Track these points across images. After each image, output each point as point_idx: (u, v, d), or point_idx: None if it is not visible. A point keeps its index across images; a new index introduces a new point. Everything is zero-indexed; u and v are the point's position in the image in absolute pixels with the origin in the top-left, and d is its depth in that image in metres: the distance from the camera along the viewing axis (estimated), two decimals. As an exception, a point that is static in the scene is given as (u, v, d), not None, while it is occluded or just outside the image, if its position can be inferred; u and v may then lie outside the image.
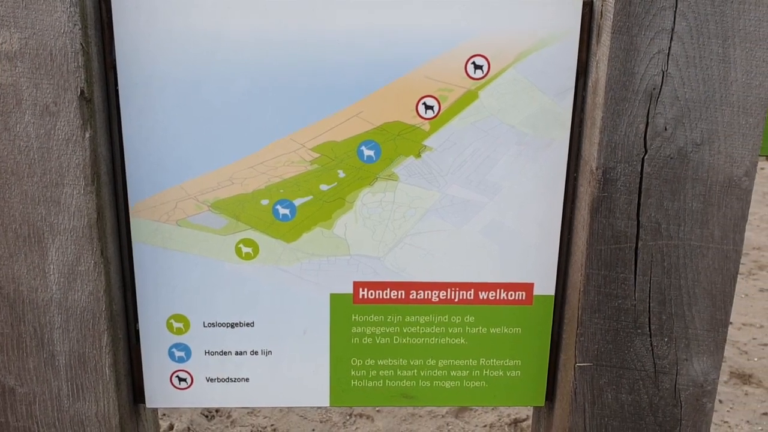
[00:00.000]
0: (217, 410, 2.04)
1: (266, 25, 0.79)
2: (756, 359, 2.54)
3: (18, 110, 0.75)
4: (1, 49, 0.73)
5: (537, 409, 1.02)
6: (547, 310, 0.90)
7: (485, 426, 2.18)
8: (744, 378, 2.40)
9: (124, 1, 0.77)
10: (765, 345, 2.66)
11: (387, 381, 0.93)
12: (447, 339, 0.92)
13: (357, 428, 2.07)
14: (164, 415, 2.00)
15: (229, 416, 2.04)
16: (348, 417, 2.10)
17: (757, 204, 4.57)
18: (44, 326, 0.83)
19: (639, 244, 0.81)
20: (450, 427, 2.18)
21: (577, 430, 0.89)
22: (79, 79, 0.75)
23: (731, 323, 2.84)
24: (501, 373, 0.93)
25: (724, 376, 2.39)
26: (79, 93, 0.75)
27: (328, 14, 0.79)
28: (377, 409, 2.10)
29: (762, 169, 5.47)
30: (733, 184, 0.79)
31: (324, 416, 2.08)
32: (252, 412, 2.03)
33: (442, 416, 2.17)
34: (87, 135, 0.76)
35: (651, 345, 0.84)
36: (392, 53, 0.80)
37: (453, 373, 0.93)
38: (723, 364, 2.47)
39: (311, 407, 2.06)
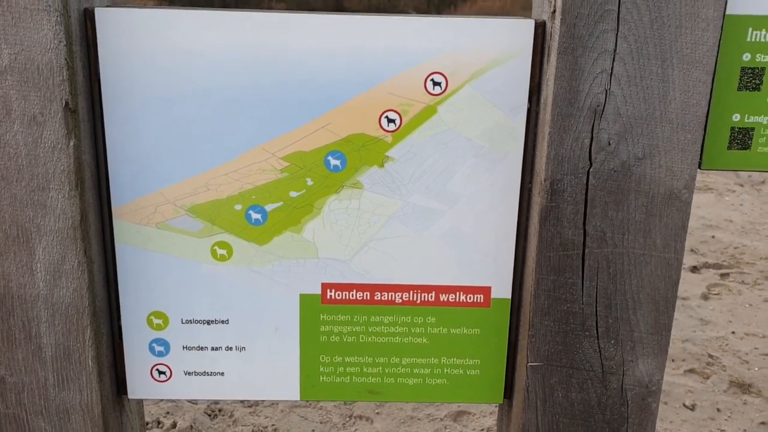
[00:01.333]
0: (219, 409, 2.10)
1: (239, 44, 0.85)
2: (756, 369, 2.55)
3: (8, 120, 0.82)
4: (-7, 64, 0.80)
5: (500, 407, 1.07)
6: (504, 313, 0.96)
7: (483, 430, 2.23)
8: (744, 387, 2.42)
9: (107, 20, 0.84)
10: (766, 355, 2.68)
11: (353, 377, 0.99)
12: (410, 338, 0.97)
13: (356, 429, 2.12)
14: (167, 413, 2.07)
15: (231, 415, 2.11)
16: (348, 418, 2.16)
17: (767, 215, 4.58)
18: (32, 320, 0.89)
19: (586, 252, 0.86)
20: (448, 430, 2.23)
21: (531, 426, 0.94)
22: (64, 92, 0.81)
23: (733, 333, 2.86)
24: (461, 371, 0.98)
25: (723, 385, 2.42)
26: (64, 104, 0.81)
27: (296, 35, 0.85)
28: (376, 411, 2.16)
29: (772, 182, 5.48)
30: (674, 196, 0.84)
31: (324, 417, 2.14)
32: (254, 411, 2.10)
33: (441, 419, 2.22)
34: (71, 143, 0.83)
35: (599, 347, 0.89)
36: (357, 70, 0.86)
37: (416, 370, 0.99)
38: (723, 372, 2.49)
39: (312, 408, 2.12)
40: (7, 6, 0.78)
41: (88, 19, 0.84)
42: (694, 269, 3.62)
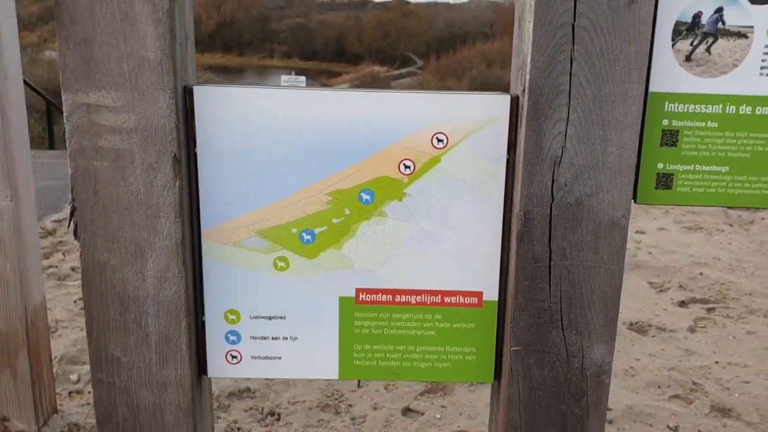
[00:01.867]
0: (239, 428, 2.41)
1: (296, 112, 1.17)
2: (737, 395, 2.77)
3: (132, 166, 1.14)
4: (124, 126, 1.13)
5: (492, 386, 1.37)
6: (493, 311, 1.26)
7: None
8: (724, 411, 2.63)
9: (201, 95, 1.17)
10: (747, 382, 2.90)
11: (379, 361, 1.29)
12: (422, 331, 1.28)
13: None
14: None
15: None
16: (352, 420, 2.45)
17: (754, 253, 4.82)
18: (142, 315, 1.21)
19: (551, 264, 1.16)
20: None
21: (514, 397, 1.24)
22: (172, 147, 1.14)
23: (717, 362, 3.08)
24: (461, 357, 1.29)
25: (705, 409, 2.64)
26: (172, 156, 1.14)
27: (340, 105, 1.17)
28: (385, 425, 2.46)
29: (762, 219, 5.72)
30: (614, 223, 1.14)
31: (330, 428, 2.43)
32: (269, 430, 2.41)
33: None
34: (177, 184, 1.15)
35: (564, 336, 1.19)
36: (383, 131, 1.18)
37: (426, 356, 1.29)
38: (705, 398, 2.72)
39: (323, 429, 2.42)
40: (136, 85, 1.11)
41: (187, 94, 1.17)
42: (682, 304, 3.86)
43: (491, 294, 1.25)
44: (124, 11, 1.07)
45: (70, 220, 1.17)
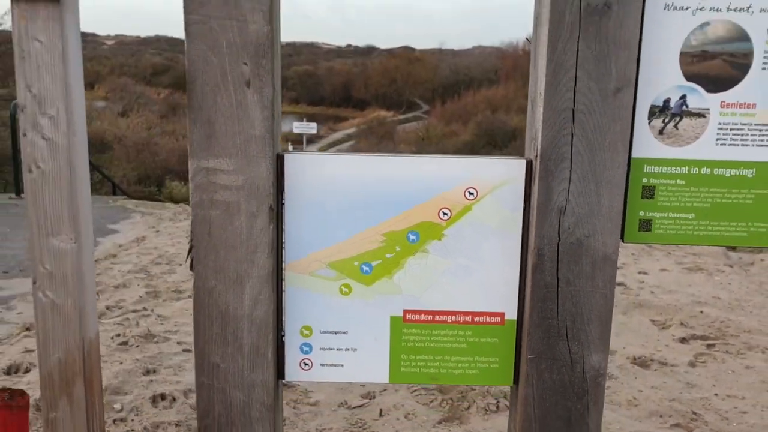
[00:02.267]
0: None
1: (361, 171, 1.53)
2: (735, 424, 3.00)
3: (238, 214, 1.50)
4: (234, 184, 1.49)
5: (511, 389, 1.69)
6: (512, 328, 1.60)
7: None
8: None
9: (289, 159, 1.53)
10: (744, 413, 3.12)
11: (421, 368, 1.62)
12: (456, 344, 1.61)
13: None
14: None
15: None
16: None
17: (753, 293, 5.10)
18: (238, 330, 1.55)
19: (558, 289, 1.51)
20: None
21: (530, 397, 1.56)
22: (269, 199, 1.49)
23: (716, 395, 3.30)
24: (487, 365, 1.62)
25: None
26: (268, 207, 1.49)
27: (393, 167, 1.53)
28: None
29: (762, 260, 6.02)
30: (607, 257, 1.49)
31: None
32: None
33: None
34: (270, 227, 1.50)
35: (568, 346, 1.53)
36: (426, 187, 1.53)
37: (459, 364, 1.62)
38: (705, 427, 2.98)
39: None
40: (245, 154, 1.47)
41: (279, 160, 1.53)
42: (683, 340, 4.10)
43: (511, 314, 1.59)
44: (239, 101, 1.44)
45: (188, 256, 1.52)
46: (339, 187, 1.54)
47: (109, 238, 6.31)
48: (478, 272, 1.57)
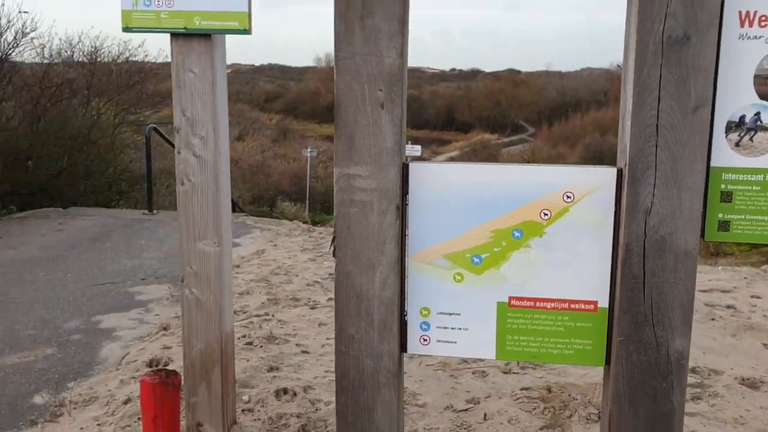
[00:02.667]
0: None
1: (473, 177, 1.83)
2: None
3: (371, 212, 1.84)
4: (368, 187, 1.82)
5: (604, 369, 1.93)
6: (604, 314, 1.84)
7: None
8: None
9: (413, 168, 1.85)
10: None
11: (524, 347, 1.89)
12: (554, 328, 1.87)
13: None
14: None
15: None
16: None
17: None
18: (370, 308, 1.88)
19: (645, 280, 1.74)
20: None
21: (620, 376, 1.79)
22: (396, 199, 1.82)
23: None
24: (582, 347, 1.86)
25: None
26: (395, 205, 1.82)
27: (501, 173, 1.82)
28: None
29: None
30: (688, 253, 1.71)
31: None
32: None
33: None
34: (397, 222, 1.83)
35: (654, 331, 1.75)
36: (530, 192, 1.81)
37: (557, 346, 1.87)
38: None
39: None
40: (377, 163, 1.81)
41: (404, 167, 1.86)
42: None
43: (603, 302, 1.84)
44: (375, 119, 1.79)
45: (331, 245, 1.87)
46: (454, 191, 1.85)
47: (233, 250, 6.86)
48: (574, 265, 1.83)
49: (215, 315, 2.75)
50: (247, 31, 2.48)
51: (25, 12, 11.60)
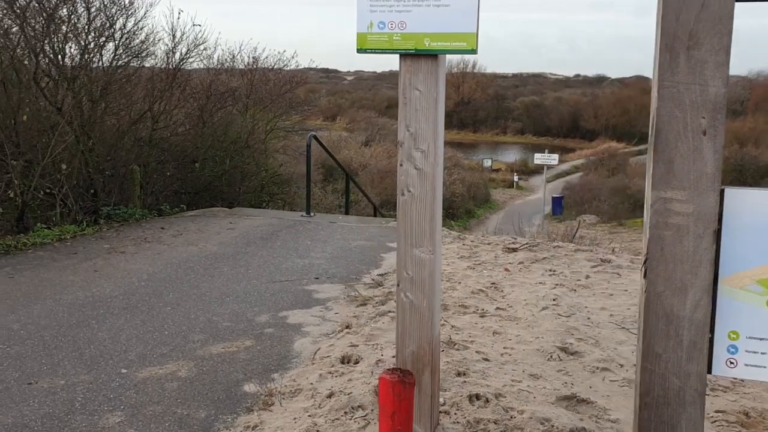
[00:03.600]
0: None
1: (795, 205, 1.84)
2: None
3: (687, 236, 1.88)
4: (685, 211, 1.88)
5: None
6: None
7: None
8: None
9: (728, 194, 1.88)
10: None
11: None
12: None
13: None
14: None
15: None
16: None
17: None
18: (679, 327, 1.92)
19: None
20: None
21: None
22: (713, 225, 1.86)
23: None
24: None
25: None
26: (713, 230, 1.86)
27: (826, 201, 1.82)
28: None
29: None
30: None
31: None
32: None
33: None
34: (713, 247, 1.87)
35: None
36: None
37: None
38: None
39: None
40: (696, 188, 1.86)
41: (721, 193, 1.89)
42: None
43: None
44: (695, 146, 1.84)
45: (642, 266, 1.94)
46: (769, 217, 1.87)
47: (391, 255, 7.02)
48: None
49: (428, 318, 2.86)
50: (474, 51, 2.58)
51: (198, 25, 12.50)
